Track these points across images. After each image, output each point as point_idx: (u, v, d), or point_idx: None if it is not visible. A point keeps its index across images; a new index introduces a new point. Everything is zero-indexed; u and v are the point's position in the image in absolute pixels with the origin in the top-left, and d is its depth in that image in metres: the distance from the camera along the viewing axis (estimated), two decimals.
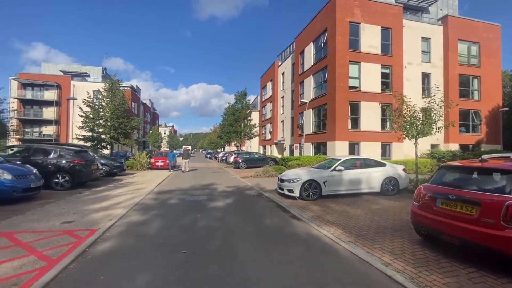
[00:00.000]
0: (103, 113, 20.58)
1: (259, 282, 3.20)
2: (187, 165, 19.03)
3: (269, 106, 36.53)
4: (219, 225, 5.60)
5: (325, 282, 3.23)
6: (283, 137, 31.44)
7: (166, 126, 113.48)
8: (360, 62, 19.39)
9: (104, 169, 13.34)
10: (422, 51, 21.88)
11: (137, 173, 16.82)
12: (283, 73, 32.29)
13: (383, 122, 19.86)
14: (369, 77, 19.50)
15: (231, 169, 21.23)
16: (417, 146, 10.18)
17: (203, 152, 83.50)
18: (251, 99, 50.31)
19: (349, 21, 19.17)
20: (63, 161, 9.69)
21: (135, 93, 46.81)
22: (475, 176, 4.02)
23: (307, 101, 21.13)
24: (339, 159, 9.16)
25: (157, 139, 50.68)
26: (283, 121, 31.68)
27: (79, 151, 10.84)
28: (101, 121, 20.42)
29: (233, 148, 41.19)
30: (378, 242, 4.56)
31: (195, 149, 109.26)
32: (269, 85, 36.69)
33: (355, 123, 19.59)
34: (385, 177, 9.04)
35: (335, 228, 5.39)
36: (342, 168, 8.69)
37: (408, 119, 9.91)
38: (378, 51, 19.80)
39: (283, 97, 32.05)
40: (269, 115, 36.60)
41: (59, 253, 3.80)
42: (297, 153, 24.00)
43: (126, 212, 6.45)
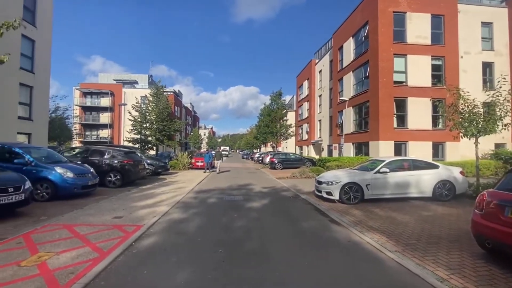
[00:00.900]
0: (149, 117, 22.32)
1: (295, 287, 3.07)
2: (219, 166, 18.62)
3: (306, 105, 35.73)
4: (255, 226, 5.58)
5: None
6: (320, 137, 30.47)
7: (205, 128, 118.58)
8: (406, 54, 17.84)
9: (150, 168, 14.38)
10: (482, 38, 19.31)
11: (179, 173, 17.78)
12: (320, 71, 31.32)
13: (435, 119, 17.97)
14: (417, 71, 17.83)
15: (267, 170, 21.22)
16: (477, 145, 8.93)
17: (240, 152, 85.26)
18: (287, 99, 49.85)
19: (393, 11, 17.78)
20: (115, 161, 10.67)
21: (178, 97, 49.81)
22: None
23: (347, 99, 20.11)
24: (383, 160, 8.49)
25: (198, 141, 53.19)
26: (320, 121, 30.71)
27: (129, 152, 11.83)
28: (147, 124, 22.18)
29: (269, 148, 41.19)
30: (430, 253, 4.07)
31: (233, 150, 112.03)
32: (306, 84, 35.90)
33: (402, 121, 18.06)
34: (438, 180, 8.10)
35: (379, 235, 4.97)
36: (387, 170, 8.02)
37: (466, 116, 8.74)
38: (427, 41, 18.00)
39: (320, 96, 31.08)
40: (305, 114, 35.80)
41: (110, 246, 4.14)
42: (336, 153, 23.02)
43: (168, 209, 6.81)
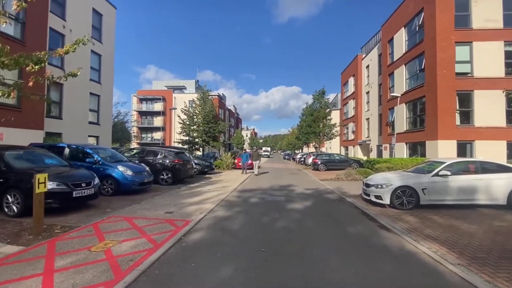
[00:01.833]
0: (196, 119, 23.77)
1: None
2: (257, 168, 17.61)
3: (352, 103, 33.88)
4: (298, 228, 5.49)
5: None
6: (368, 137, 28.57)
7: (247, 129, 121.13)
8: (471, 42, 15.65)
9: (197, 168, 15.25)
10: None
11: (223, 172, 18.50)
12: (367, 66, 29.41)
13: (510, 115, 15.38)
14: (486, 59, 15.50)
15: (310, 171, 20.70)
16: None
17: (282, 153, 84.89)
18: (331, 97, 47.91)
19: None
20: (167, 161, 11.59)
21: (222, 100, 51.95)
22: None
23: (399, 95, 18.46)
24: (443, 162, 7.58)
25: (240, 142, 54.61)
26: (368, 119, 28.82)
27: (179, 152, 12.74)
28: (194, 127, 23.65)
29: (312, 149, 40.17)
30: (504, 269, 3.49)
31: (274, 151, 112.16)
32: (351, 80, 34.05)
33: (466, 117, 15.90)
34: None
35: (438, 245, 4.45)
36: (447, 173, 7.13)
37: None
38: (499, 24, 15.53)
39: (368, 93, 29.17)
40: (351, 113, 33.95)
41: (162, 238, 4.51)
42: (386, 154, 21.34)
43: (213, 207, 7.13)
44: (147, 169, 9.76)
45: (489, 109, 15.28)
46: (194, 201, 7.86)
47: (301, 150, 48.06)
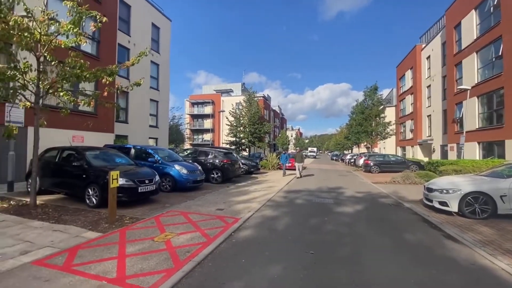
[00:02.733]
0: (242, 121, 24.52)
1: None
2: (300, 170, 15.82)
3: (409, 98, 30.76)
4: (348, 232, 5.24)
5: None
6: (430, 136, 25.58)
7: (292, 129, 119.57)
8: None
9: (244, 168, 15.71)
10: None
11: (269, 173, 18.66)
12: (428, 57, 26.38)
13: None
14: None
15: (361, 173, 19.48)
16: None
17: (329, 154, 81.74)
18: (384, 93, 44.37)
19: None
20: (217, 161, 12.22)
21: (267, 101, 52.50)
22: None
23: (469, 87, 16.08)
24: None
25: (285, 142, 54.30)
26: (430, 116, 25.82)
27: (227, 152, 13.32)
28: (241, 128, 24.42)
29: (363, 149, 37.72)
30: None
31: (320, 151, 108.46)
32: (409, 74, 30.94)
33: None
34: None
35: None
36: None
37: None
38: None
39: (429, 86, 26.14)
40: (409, 109, 30.83)
41: (214, 234, 4.79)
42: (453, 155, 18.84)
43: (260, 206, 7.27)
44: (200, 168, 10.44)
45: None
46: (242, 200, 8.13)
47: (350, 150, 45.62)
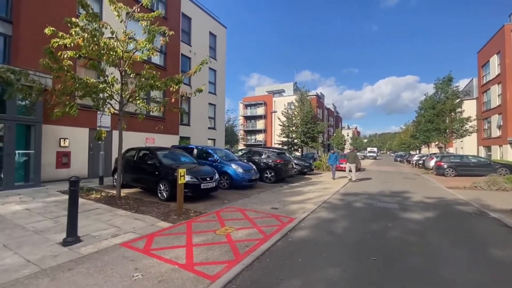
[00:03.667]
0: (295, 121, 24.28)
1: None
2: (354, 172, 14.17)
3: (496, 89, 25.89)
4: (417, 241, 4.74)
5: None
6: None
7: (348, 128, 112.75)
8: None
9: (297, 168, 15.56)
10: None
11: (323, 173, 18.04)
12: None
13: None
14: None
15: (432, 176, 17.23)
16: None
17: (392, 154, 74.62)
18: (461, 84, 38.39)
19: None
20: (270, 161, 12.42)
21: (320, 99, 50.89)
22: None
23: None
24: None
25: (341, 141, 51.65)
26: None
27: (280, 152, 13.41)
28: (293, 128, 24.21)
29: (433, 149, 33.25)
30: None
31: (382, 151, 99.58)
32: (495, 60, 26.07)
33: None
34: None
35: None
36: None
37: None
38: None
39: None
40: (496, 102, 25.95)
41: (270, 231, 4.91)
42: None
43: (315, 208, 7.12)
44: (254, 167, 10.78)
45: None
46: (296, 200, 8.09)
47: (418, 151, 40.80)
